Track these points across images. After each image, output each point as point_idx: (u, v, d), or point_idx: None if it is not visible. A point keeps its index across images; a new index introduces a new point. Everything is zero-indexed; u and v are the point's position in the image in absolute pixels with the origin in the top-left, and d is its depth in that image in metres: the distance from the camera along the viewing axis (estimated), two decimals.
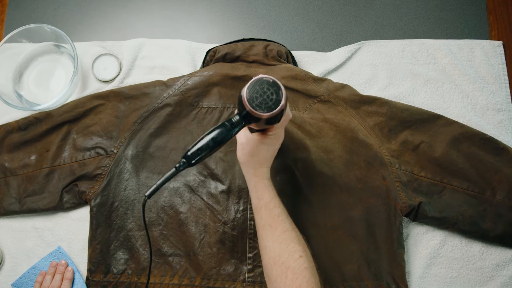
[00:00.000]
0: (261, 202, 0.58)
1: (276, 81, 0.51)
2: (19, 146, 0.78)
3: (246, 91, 0.50)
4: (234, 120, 0.52)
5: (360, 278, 0.70)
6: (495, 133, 0.80)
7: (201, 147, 0.51)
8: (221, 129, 0.51)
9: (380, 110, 0.76)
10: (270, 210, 0.57)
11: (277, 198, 0.59)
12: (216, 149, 0.52)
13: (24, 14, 0.90)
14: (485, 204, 0.73)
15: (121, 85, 0.84)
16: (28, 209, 0.76)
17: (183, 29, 0.89)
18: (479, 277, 0.74)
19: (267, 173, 0.59)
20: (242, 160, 0.59)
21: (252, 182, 0.59)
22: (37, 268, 0.75)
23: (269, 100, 0.50)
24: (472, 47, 0.85)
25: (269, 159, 0.59)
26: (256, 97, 0.50)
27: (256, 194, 0.59)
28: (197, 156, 0.51)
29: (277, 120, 0.53)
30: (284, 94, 0.50)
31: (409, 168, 0.74)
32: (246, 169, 0.59)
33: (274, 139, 0.58)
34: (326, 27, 0.88)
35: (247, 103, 0.50)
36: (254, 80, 0.51)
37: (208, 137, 0.51)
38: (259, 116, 0.50)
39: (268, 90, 0.50)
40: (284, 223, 0.57)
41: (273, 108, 0.50)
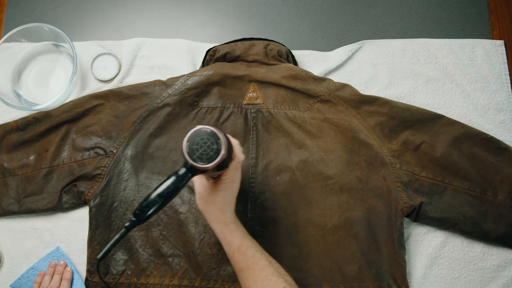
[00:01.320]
0: (232, 247, 0.57)
1: (214, 130, 0.50)
2: (18, 146, 0.78)
3: (186, 144, 0.50)
4: (180, 173, 0.51)
5: (360, 279, 0.70)
6: (496, 133, 0.79)
7: (149, 204, 0.50)
8: (168, 183, 0.51)
9: (381, 110, 0.76)
10: (243, 253, 0.56)
11: (248, 239, 0.58)
12: (165, 203, 0.51)
13: (23, 13, 0.90)
14: (486, 204, 0.73)
15: (120, 84, 0.84)
16: (27, 209, 0.76)
17: (183, 29, 0.89)
18: (480, 277, 0.74)
19: (231, 217, 0.58)
20: (202, 209, 0.58)
21: (218, 229, 0.58)
22: (36, 268, 0.75)
23: (210, 150, 0.50)
24: (474, 46, 0.85)
25: (229, 204, 0.58)
26: (197, 149, 0.50)
27: (225, 241, 0.58)
28: (145, 213, 0.50)
29: (226, 166, 0.53)
30: (223, 142, 0.50)
31: (410, 168, 0.74)
32: (208, 217, 0.58)
33: (229, 183, 0.57)
34: (327, 27, 0.88)
35: (188, 157, 0.50)
36: (192, 132, 0.50)
37: (155, 193, 0.51)
38: (202, 168, 0.50)
39: (208, 140, 0.50)
40: (260, 261, 0.56)
41: (214, 158, 0.50)
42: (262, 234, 0.71)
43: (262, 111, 0.76)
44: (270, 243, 0.70)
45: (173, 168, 0.74)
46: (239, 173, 0.58)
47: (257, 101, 0.77)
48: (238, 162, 0.57)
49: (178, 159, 0.75)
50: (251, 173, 0.74)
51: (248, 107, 0.77)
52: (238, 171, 0.58)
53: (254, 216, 0.72)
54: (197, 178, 0.58)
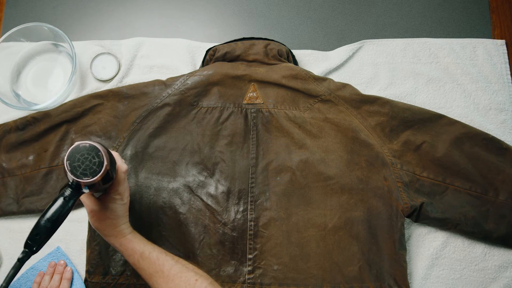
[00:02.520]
0: (136, 256, 0.57)
1: (93, 144, 0.50)
2: (16, 146, 0.78)
3: (67, 163, 0.49)
4: (66, 194, 0.51)
5: (361, 280, 0.69)
6: (497, 133, 0.79)
7: (39, 231, 0.49)
8: (56, 207, 0.50)
9: (381, 109, 0.76)
10: (147, 258, 0.57)
11: (149, 244, 0.58)
12: (56, 227, 0.50)
13: (22, 12, 0.90)
14: (487, 204, 0.73)
15: (120, 84, 0.83)
16: (26, 210, 0.75)
17: (183, 28, 0.89)
18: (481, 278, 0.74)
19: (126, 229, 0.59)
20: (96, 227, 0.58)
21: (117, 243, 0.58)
22: (36, 268, 0.75)
23: (92, 164, 0.49)
24: (475, 46, 0.84)
25: (123, 217, 0.58)
26: (79, 165, 0.49)
27: (126, 252, 0.58)
28: (37, 241, 0.49)
29: (112, 178, 0.53)
30: (104, 154, 0.50)
31: (411, 168, 0.74)
32: (104, 234, 0.58)
33: (118, 195, 0.57)
34: (327, 26, 0.88)
35: (71, 174, 0.49)
36: (71, 150, 0.50)
37: (43, 219, 0.50)
38: (88, 183, 0.49)
39: (89, 155, 0.49)
40: (166, 262, 0.56)
41: (98, 171, 0.49)
42: (263, 235, 0.71)
43: (262, 111, 0.76)
44: (270, 244, 0.71)
45: (173, 168, 0.74)
46: (126, 184, 0.58)
47: (257, 101, 0.77)
48: (123, 172, 0.57)
49: (178, 159, 0.75)
50: (251, 173, 0.74)
51: (248, 107, 0.76)
52: (125, 181, 0.58)
53: (254, 217, 0.72)
54: (85, 197, 0.57)
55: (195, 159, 0.74)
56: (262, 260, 0.70)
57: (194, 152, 0.75)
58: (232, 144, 0.75)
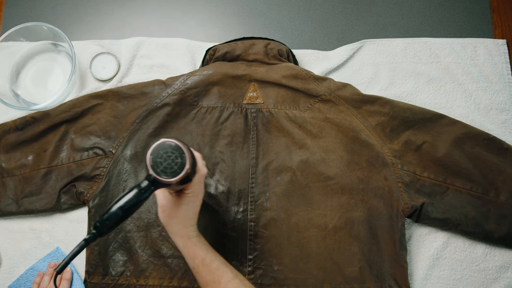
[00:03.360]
0: (196, 261, 0.57)
1: (179, 144, 0.49)
2: (16, 146, 0.77)
3: (149, 157, 0.49)
4: (142, 186, 0.50)
5: (362, 280, 0.69)
6: (498, 133, 0.79)
7: (109, 217, 0.49)
8: (130, 196, 0.50)
9: (382, 109, 0.76)
10: (207, 266, 0.56)
11: (212, 252, 0.58)
12: (127, 216, 0.50)
13: (21, 12, 0.90)
14: (488, 205, 0.73)
15: (119, 84, 0.83)
16: (25, 210, 0.75)
17: (183, 28, 0.89)
18: (482, 279, 0.74)
19: (193, 231, 0.58)
20: (164, 223, 0.58)
21: (180, 243, 0.58)
22: (35, 269, 0.74)
23: (174, 164, 0.49)
24: (476, 45, 0.84)
25: (192, 218, 0.58)
26: (161, 162, 0.49)
27: (188, 255, 0.58)
28: (106, 226, 0.49)
29: (189, 180, 0.52)
30: (188, 156, 0.49)
31: (412, 168, 0.74)
32: (170, 231, 0.58)
33: (192, 197, 0.56)
34: (328, 26, 0.88)
35: (151, 170, 0.49)
36: (156, 145, 0.49)
37: (116, 206, 0.50)
38: (165, 182, 0.49)
39: (172, 154, 0.49)
40: (226, 274, 0.56)
41: (178, 173, 0.49)
42: (263, 235, 0.71)
43: (262, 111, 0.76)
44: (270, 244, 0.70)
45: None
46: (202, 186, 0.58)
47: (257, 100, 0.76)
48: (202, 176, 0.57)
49: None
50: (251, 173, 0.73)
51: (248, 107, 0.76)
52: (202, 184, 0.58)
53: (254, 217, 0.72)
54: (159, 191, 0.57)
55: None
56: (262, 261, 0.70)
57: None
58: (232, 144, 0.75)
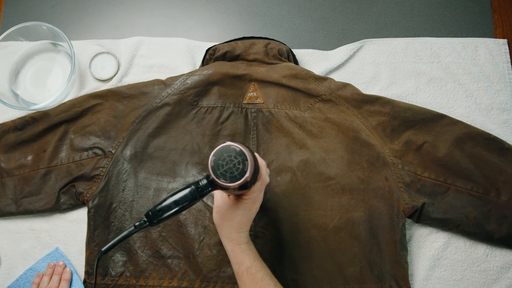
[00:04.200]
0: (242, 268, 0.56)
1: (244, 150, 0.49)
2: (15, 146, 0.77)
3: (212, 158, 0.48)
4: (201, 184, 0.50)
5: (362, 281, 0.69)
6: (499, 133, 0.79)
7: (163, 208, 0.49)
8: (186, 192, 0.50)
9: (382, 109, 0.75)
10: (252, 275, 0.55)
11: (259, 261, 0.57)
12: (180, 211, 0.50)
13: (20, 12, 0.89)
14: (489, 205, 0.72)
15: (119, 84, 0.83)
16: (24, 210, 0.75)
17: (182, 27, 0.88)
18: (483, 279, 0.73)
19: (244, 237, 0.58)
20: (217, 223, 0.58)
21: (229, 247, 0.57)
22: (35, 269, 0.74)
23: (235, 169, 0.48)
24: (477, 45, 0.84)
25: (246, 224, 0.57)
26: (222, 165, 0.48)
27: (235, 260, 0.57)
28: (158, 217, 0.49)
29: (248, 187, 0.51)
30: (250, 164, 0.48)
31: (412, 168, 0.73)
32: (221, 233, 0.58)
33: (250, 203, 0.56)
34: (328, 25, 0.88)
35: (211, 171, 0.48)
36: (221, 147, 0.49)
37: (171, 199, 0.49)
38: (223, 186, 0.48)
39: (235, 159, 0.48)
40: (269, 286, 0.55)
41: (238, 179, 0.48)
42: (263, 235, 0.71)
43: (262, 111, 0.76)
44: (271, 244, 0.70)
45: (173, 169, 0.74)
46: (262, 194, 0.57)
47: (257, 100, 0.76)
48: (263, 184, 0.55)
49: (178, 160, 0.74)
50: None
51: (248, 107, 0.76)
52: (261, 193, 0.57)
53: (254, 217, 0.71)
54: (217, 192, 0.57)
55: (195, 159, 0.74)
56: None
57: (194, 152, 0.74)
58: None
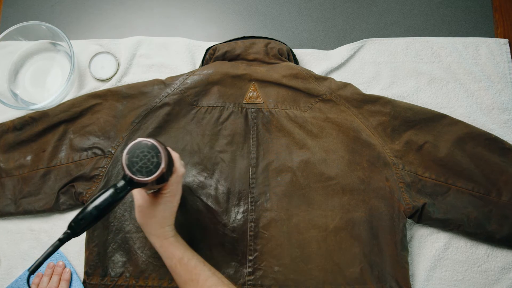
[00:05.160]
0: (174, 260, 0.57)
1: (155, 143, 0.50)
2: (14, 146, 0.77)
3: (125, 156, 0.49)
4: (119, 185, 0.50)
5: (363, 281, 0.69)
6: (500, 133, 0.79)
7: (84, 216, 0.49)
8: (106, 196, 0.50)
9: (383, 109, 0.75)
10: (185, 264, 0.56)
11: (189, 251, 0.58)
12: (102, 216, 0.50)
13: (19, 11, 0.89)
14: (490, 205, 0.72)
15: (118, 84, 0.83)
16: (23, 210, 0.75)
17: (182, 27, 0.88)
18: (484, 280, 0.73)
19: (170, 231, 0.58)
20: (141, 223, 0.58)
21: (157, 243, 0.58)
22: None
23: (150, 163, 0.49)
24: (478, 45, 0.84)
25: (169, 218, 0.58)
26: (136, 162, 0.49)
27: (165, 254, 0.58)
28: (81, 226, 0.49)
29: (166, 180, 0.53)
30: (163, 156, 0.49)
31: (413, 168, 0.73)
32: (147, 231, 0.58)
33: (170, 197, 0.56)
34: (328, 25, 0.88)
35: (127, 169, 0.49)
36: (133, 144, 0.49)
37: (91, 206, 0.49)
38: (141, 181, 0.49)
39: (148, 153, 0.49)
40: (203, 272, 0.56)
41: (154, 172, 0.49)
42: (263, 236, 0.71)
43: (262, 111, 0.75)
44: (271, 245, 0.70)
45: None
46: (180, 186, 0.58)
47: (257, 100, 0.76)
48: (179, 176, 0.56)
49: None
50: (252, 173, 0.73)
51: (248, 107, 0.76)
52: (179, 184, 0.58)
53: (254, 217, 0.71)
54: (136, 191, 0.57)
55: (194, 159, 0.74)
56: (262, 262, 0.70)
57: (193, 152, 0.74)
58: (232, 144, 0.74)
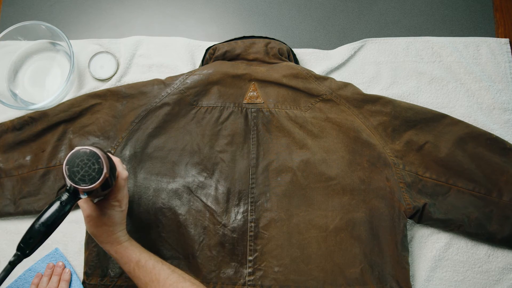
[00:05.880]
0: (131, 264, 0.57)
1: (94, 150, 0.49)
2: (14, 146, 0.77)
3: (66, 168, 0.48)
4: (63, 198, 0.50)
5: (363, 282, 0.69)
6: (501, 133, 0.79)
7: (33, 235, 0.49)
8: (52, 211, 0.49)
9: (383, 109, 0.75)
10: (143, 266, 0.56)
11: (145, 253, 0.58)
12: (50, 232, 0.50)
13: (19, 11, 0.89)
14: (491, 205, 0.72)
15: (118, 83, 0.83)
16: (23, 211, 0.75)
17: (182, 26, 0.88)
18: (485, 280, 0.73)
19: (123, 236, 0.58)
20: (92, 232, 0.58)
21: (112, 250, 0.58)
22: (33, 270, 0.74)
23: (92, 170, 0.49)
24: (478, 44, 0.84)
25: (120, 224, 0.58)
26: (78, 171, 0.48)
27: (122, 260, 0.57)
28: (30, 245, 0.49)
29: (110, 185, 0.52)
30: (104, 161, 0.49)
31: (414, 168, 0.73)
32: (99, 240, 0.58)
33: (117, 202, 0.56)
34: (329, 24, 0.87)
35: (69, 180, 0.48)
36: (71, 154, 0.49)
37: (38, 223, 0.49)
38: (86, 190, 0.49)
39: (88, 161, 0.49)
40: (162, 271, 0.56)
41: (97, 178, 0.49)
42: (263, 236, 0.70)
43: (262, 111, 0.75)
44: (271, 245, 0.70)
45: (172, 169, 0.73)
46: (126, 190, 0.58)
47: (257, 100, 0.76)
48: (123, 179, 0.56)
49: (177, 160, 0.74)
50: (252, 173, 0.73)
51: (248, 107, 0.76)
52: (125, 188, 0.57)
53: (255, 218, 0.71)
54: (83, 201, 0.57)
55: (194, 159, 0.74)
56: (262, 262, 0.70)
57: (193, 152, 0.74)
58: (232, 144, 0.74)
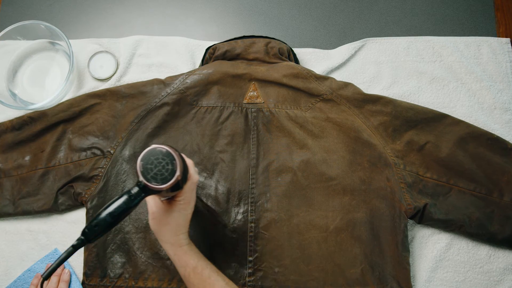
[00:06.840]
0: (188, 269, 0.56)
1: (170, 150, 0.49)
2: (13, 146, 0.77)
3: (140, 163, 0.48)
4: (133, 192, 0.50)
5: (364, 282, 0.69)
6: (502, 133, 0.78)
7: (98, 223, 0.49)
8: (120, 203, 0.49)
9: (384, 109, 0.75)
10: (199, 274, 0.56)
11: (203, 260, 0.58)
12: (116, 223, 0.49)
13: (18, 10, 0.89)
14: (492, 206, 0.72)
15: (118, 83, 0.83)
16: (22, 211, 0.74)
17: (182, 26, 0.88)
18: (486, 281, 0.73)
19: (184, 239, 0.58)
20: (155, 230, 0.58)
21: (171, 251, 0.57)
22: (33, 270, 0.74)
23: (165, 170, 0.49)
24: (479, 44, 0.84)
25: (183, 226, 0.58)
26: (151, 169, 0.48)
27: (179, 263, 0.57)
28: (95, 232, 0.49)
29: (180, 187, 0.52)
30: (178, 163, 0.49)
31: (414, 169, 0.73)
32: (160, 239, 0.58)
33: (184, 204, 0.56)
34: (329, 24, 0.87)
35: (141, 176, 0.48)
36: (147, 151, 0.49)
37: (105, 212, 0.49)
38: (155, 189, 0.49)
39: (163, 160, 0.49)
40: (217, 282, 0.56)
41: (169, 179, 0.48)
42: (263, 236, 0.70)
43: (263, 111, 0.75)
44: (271, 245, 0.70)
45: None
46: (194, 194, 0.58)
47: (257, 100, 0.76)
48: (193, 183, 0.56)
49: None
50: (252, 174, 0.73)
51: (248, 107, 0.75)
52: (193, 192, 0.57)
53: (255, 218, 0.71)
54: (150, 198, 0.57)
55: (194, 159, 0.73)
56: (262, 262, 0.69)
57: (193, 152, 0.74)
58: (232, 144, 0.74)
